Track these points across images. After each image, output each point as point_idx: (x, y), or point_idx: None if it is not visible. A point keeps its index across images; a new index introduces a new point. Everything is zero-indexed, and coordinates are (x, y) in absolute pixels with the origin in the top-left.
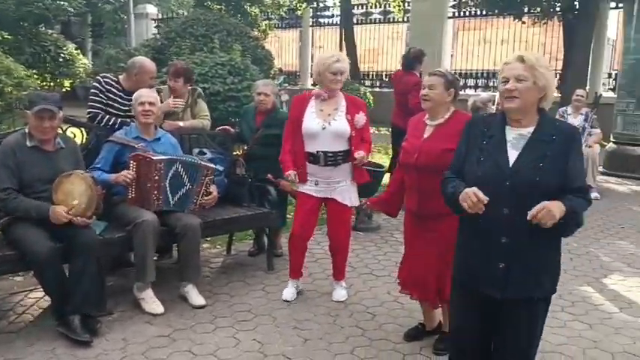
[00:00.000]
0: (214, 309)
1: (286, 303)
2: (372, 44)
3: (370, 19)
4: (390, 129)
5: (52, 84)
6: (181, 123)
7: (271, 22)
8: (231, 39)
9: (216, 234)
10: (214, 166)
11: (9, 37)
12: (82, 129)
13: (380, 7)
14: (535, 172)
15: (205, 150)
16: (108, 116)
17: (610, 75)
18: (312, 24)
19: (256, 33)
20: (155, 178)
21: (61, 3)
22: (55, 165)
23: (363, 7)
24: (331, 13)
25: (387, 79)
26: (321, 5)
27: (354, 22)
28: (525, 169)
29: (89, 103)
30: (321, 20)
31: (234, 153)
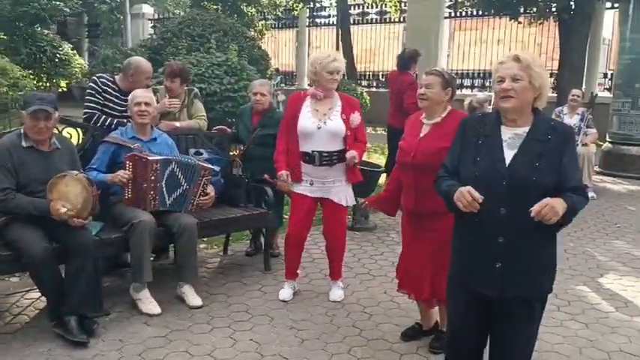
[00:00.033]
0: (211, 309)
1: (283, 303)
2: (369, 44)
3: (367, 19)
4: (386, 129)
5: (48, 84)
6: (178, 123)
7: (268, 22)
8: (228, 39)
9: (213, 234)
10: (212, 167)
11: (5, 37)
12: (78, 129)
13: (376, 7)
14: (532, 171)
15: (202, 150)
16: (104, 117)
17: (606, 75)
18: (308, 24)
19: (253, 33)
20: (151, 178)
21: (57, 3)
22: (51, 165)
23: (359, 8)
24: (328, 13)
25: (383, 79)
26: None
27: (350, 23)
28: (522, 168)
29: (85, 103)
30: (318, 20)
31: (230, 153)
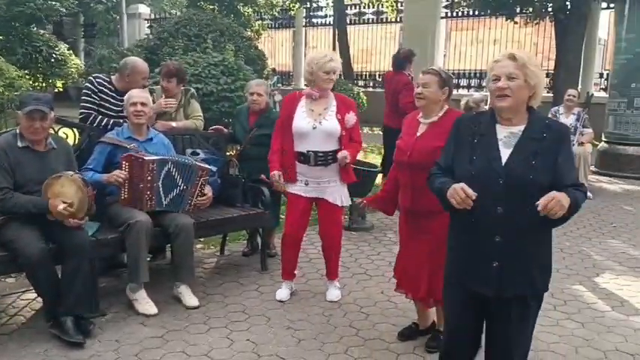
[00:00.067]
0: (208, 309)
1: (280, 303)
2: (365, 44)
3: (363, 19)
4: (382, 129)
5: (44, 84)
6: (174, 123)
7: (264, 22)
8: (225, 39)
9: (210, 234)
10: (209, 167)
11: (0, 37)
12: (75, 130)
13: (373, 7)
14: (528, 169)
15: (198, 150)
16: (100, 117)
17: (601, 75)
18: (305, 24)
19: (249, 33)
20: (148, 178)
21: (53, 3)
22: (47, 165)
23: (356, 8)
24: (324, 13)
25: (380, 79)
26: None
27: (347, 23)
28: (518, 167)
29: (81, 103)
30: (315, 20)
31: (227, 153)
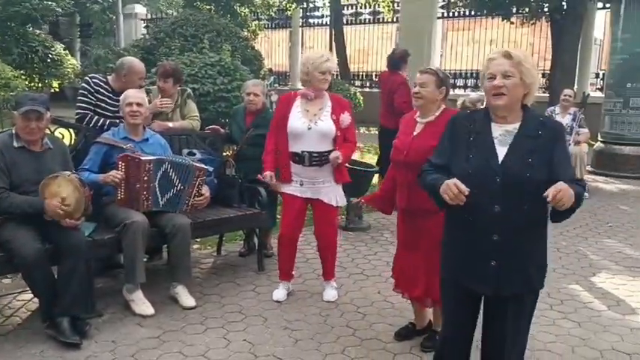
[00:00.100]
0: (205, 310)
1: (277, 303)
2: (362, 44)
3: (360, 19)
4: (378, 129)
5: (40, 84)
6: (171, 124)
7: (261, 23)
8: (221, 39)
9: (207, 235)
10: (206, 167)
11: None
12: (71, 130)
13: (370, 7)
14: (525, 167)
15: (195, 151)
16: (97, 117)
17: (597, 75)
18: (301, 24)
19: (246, 33)
20: (144, 178)
21: (49, 3)
22: (43, 165)
23: (352, 8)
24: (321, 13)
25: (376, 79)
26: (311, 5)
27: (343, 23)
28: (515, 165)
29: (78, 103)
30: (311, 20)
31: (224, 153)
